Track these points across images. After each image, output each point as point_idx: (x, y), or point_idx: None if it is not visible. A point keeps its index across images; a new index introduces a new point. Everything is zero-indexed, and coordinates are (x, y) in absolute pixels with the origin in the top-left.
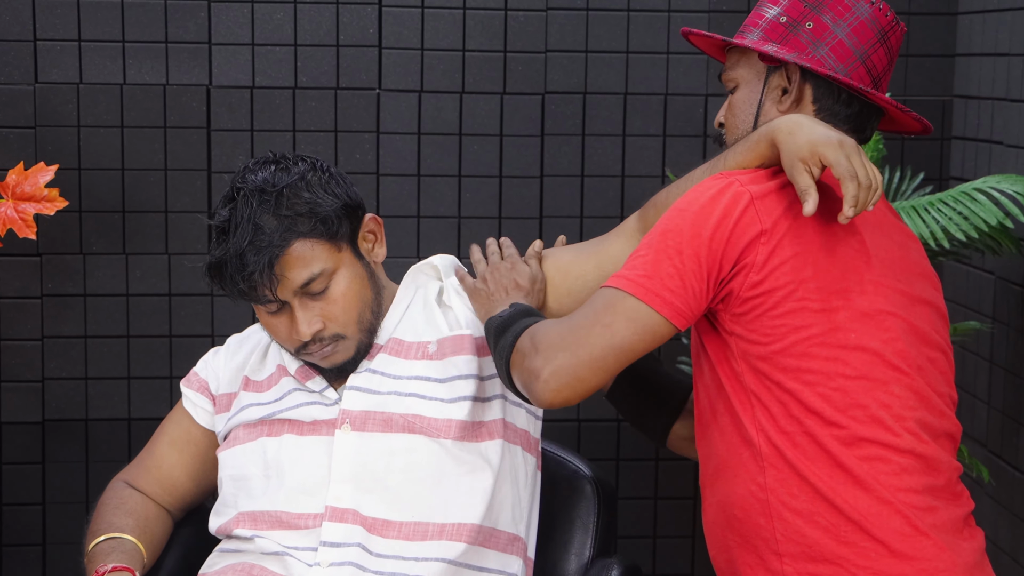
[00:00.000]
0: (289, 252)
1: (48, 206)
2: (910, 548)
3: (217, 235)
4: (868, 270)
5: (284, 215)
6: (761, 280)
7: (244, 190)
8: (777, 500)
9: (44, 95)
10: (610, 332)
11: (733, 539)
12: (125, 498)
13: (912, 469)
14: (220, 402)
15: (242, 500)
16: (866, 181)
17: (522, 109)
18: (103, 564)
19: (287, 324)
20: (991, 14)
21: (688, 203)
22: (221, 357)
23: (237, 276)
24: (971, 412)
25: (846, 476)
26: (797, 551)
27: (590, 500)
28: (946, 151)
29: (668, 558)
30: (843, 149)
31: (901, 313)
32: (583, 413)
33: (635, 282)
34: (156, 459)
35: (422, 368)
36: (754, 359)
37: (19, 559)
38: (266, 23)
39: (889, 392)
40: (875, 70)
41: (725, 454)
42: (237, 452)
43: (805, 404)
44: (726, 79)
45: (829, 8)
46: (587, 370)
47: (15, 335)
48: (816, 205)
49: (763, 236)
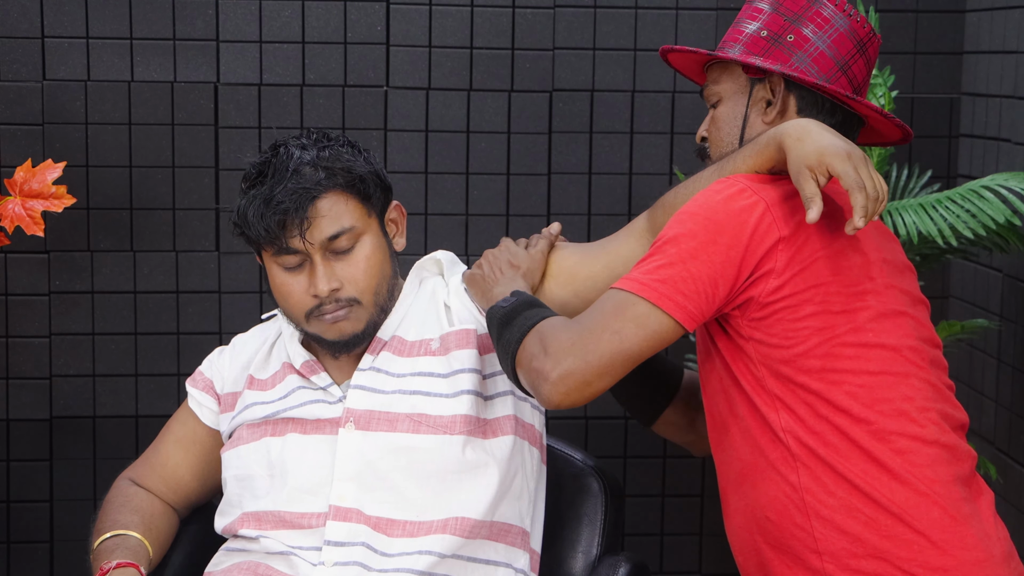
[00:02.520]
0: (324, 199)
1: (56, 203)
2: (950, 538)
3: (251, 181)
4: (878, 272)
5: (324, 166)
6: (782, 285)
7: (284, 145)
8: (813, 499)
9: (52, 92)
10: (619, 338)
11: (765, 542)
12: (131, 496)
13: (940, 459)
14: (225, 401)
15: (246, 500)
16: (873, 192)
17: (530, 106)
18: (107, 561)
19: (304, 282)
20: (999, 11)
21: (700, 207)
22: (226, 356)
23: (269, 214)
24: (979, 409)
25: (881, 470)
26: (838, 548)
27: (597, 497)
28: (954, 148)
29: (676, 556)
30: (851, 160)
31: (910, 312)
32: (590, 411)
33: (647, 285)
34: (162, 457)
35: (425, 364)
36: (776, 363)
37: (27, 556)
38: (274, 20)
39: (911, 386)
40: (855, 80)
41: (749, 457)
42: (241, 452)
43: (832, 403)
44: (708, 94)
45: (809, 21)
46: (595, 375)
47: (23, 332)
48: (820, 213)
49: (781, 243)
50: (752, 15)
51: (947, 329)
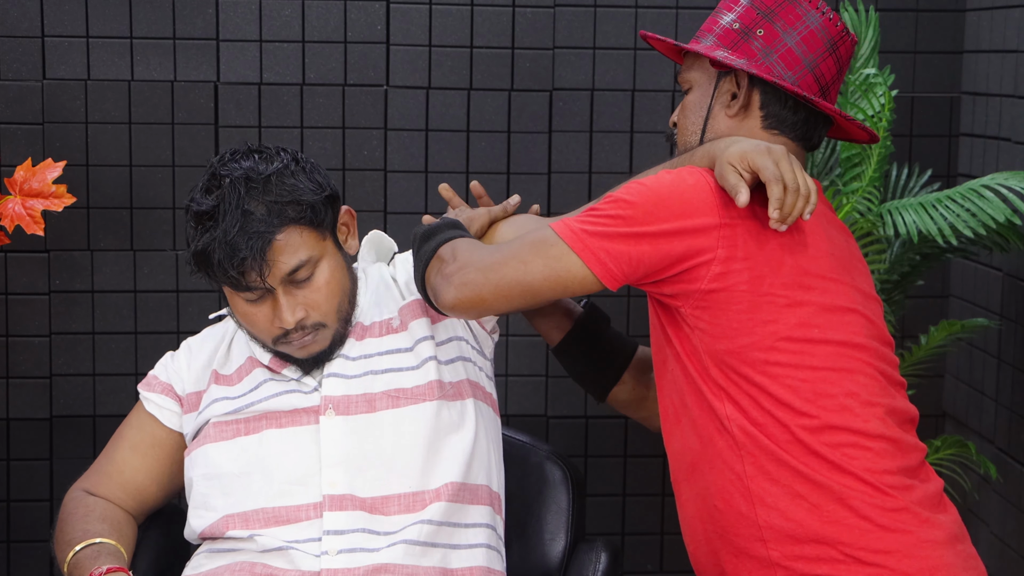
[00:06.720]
0: (279, 238)
1: (56, 202)
2: (893, 521)
3: (201, 222)
4: (829, 268)
5: (273, 202)
6: (724, 273)
7: (230, 177)
8: (757, 487)
9: (52, 91)
10: (524, 269)
11: (714, 531)
12: (91, 506)
13: (885, 453)
14: (188, 402)
15: (221, 501)
16: (793, 185)
17: (530, 105)
18: (97, 567)
19: (267, 313)
20: (999, 11)
21: (649, 179)
22: (181, 359)
23: (227, 263)
24: (979, 409)
25: (822, 462)
26: (782, 535)
27: (561, 485)
28: (954, 148)
29: (676, 555)
30: (771, 155)
31: (860, 309)
32: (590, 411)
33: (575, 233)
34: (117, 465)
35: (390, 342)
36: (721, 354)
37: (27, 555)
38: (274, 19)
39: (856, 382)
40: (823, 79)
41: (699, 447)
42: (209, 451)
43: (774, 396)
44: (681, 80)
45: (781, 16)
46: (491, 294)
47: (23, 331)
48: (748, 197)
49: (724, 228)
50: (729, 5)
51: (947, 328)
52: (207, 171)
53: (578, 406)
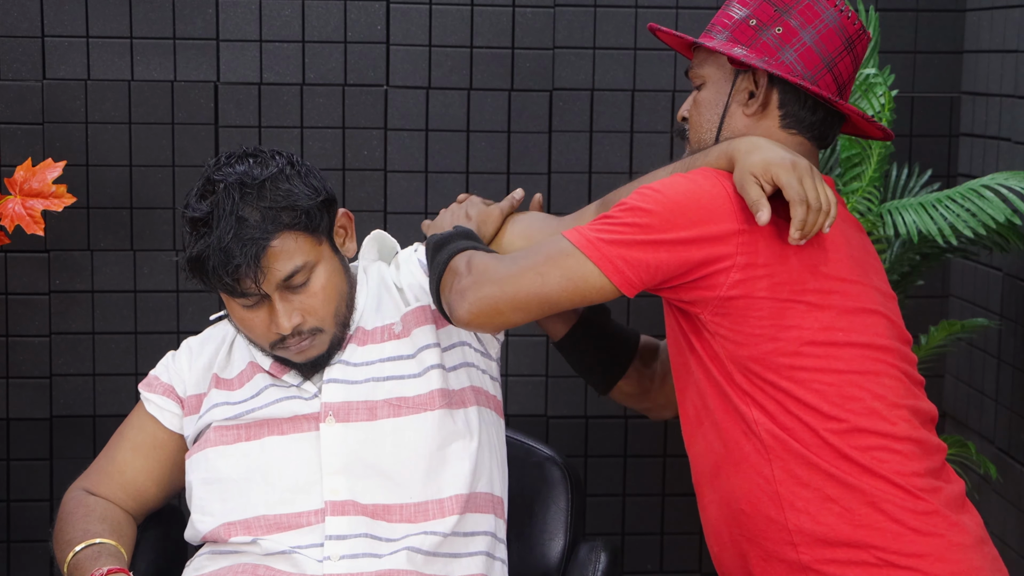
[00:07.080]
0: (274, 244)
1: (56, 202)
2: (925, 525)
3: (196, 228)
4: (848, 270)
5: (267, 208)
6: (744, 280)
7: (224, 183)
8: (787, 491)
9: (52, 91)
10: (542, 281)
11: (741, 534)
12: (92, 505)
13: (913, 455)
14: (189, 404)
15: (219, 507)
16: (816, 204)
17: (530, 106)
18: (97, 568)
19: (264, 318)
20: (999, 10)
21: (663, 184)
22: (183, 360)
23: (221, 270)
24: (979, 409)
25: (852, 465)
26: (813, 539)
27: (561, 484)
28: (954, 148)
29: (676, 555)
30: (796, 171)
31: (881, 310)
32: (590, 411)
33: (591, 242)
34: (118, 465)
35: (392, 348)
36: (744, 360)
37: (27, 555)
38: (274, 19)
39: (882, 384)
40: (841, 78)
41: (723, 450)
42: (210, 455)
43: (801, 400)
44: (693, 76)
45: (798, 13)
46: (509, 306)
47: (23, 331)
48: (769, 215)
49: (742, 235)
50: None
51: (947, 328)
52: (202, 176)
53: (578, 406)
